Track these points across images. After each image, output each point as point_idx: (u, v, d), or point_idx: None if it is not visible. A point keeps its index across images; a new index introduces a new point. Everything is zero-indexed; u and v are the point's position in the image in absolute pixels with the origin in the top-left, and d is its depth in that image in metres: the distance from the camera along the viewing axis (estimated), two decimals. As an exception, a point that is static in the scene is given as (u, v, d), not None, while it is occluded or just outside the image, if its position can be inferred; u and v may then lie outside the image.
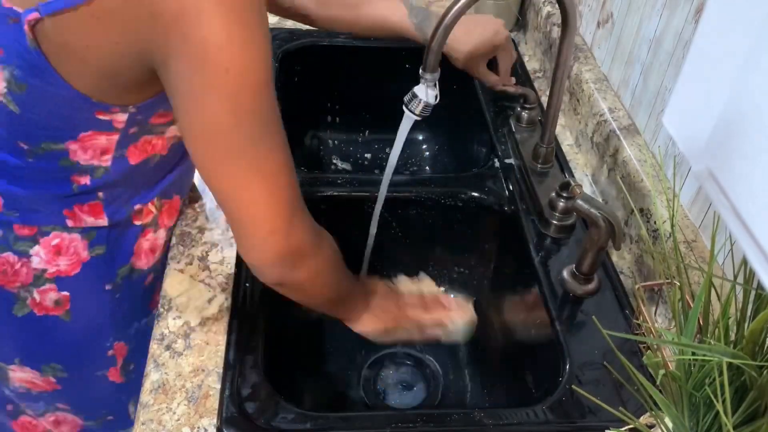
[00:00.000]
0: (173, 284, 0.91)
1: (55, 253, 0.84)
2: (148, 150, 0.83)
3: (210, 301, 0.89)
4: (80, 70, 0.71)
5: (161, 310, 0.88)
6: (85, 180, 0.81)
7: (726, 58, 0.45)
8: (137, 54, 0.67)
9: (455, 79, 1.37)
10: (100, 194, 0.83)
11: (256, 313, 0.87)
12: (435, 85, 0.94)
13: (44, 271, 0.84)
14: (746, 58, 0.43)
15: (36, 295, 0.86)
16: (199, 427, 0.76)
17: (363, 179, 1.13)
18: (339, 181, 1.13)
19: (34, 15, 0.67)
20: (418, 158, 1.47)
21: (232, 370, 0.81)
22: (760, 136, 0.41)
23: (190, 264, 0.94)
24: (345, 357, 1.11)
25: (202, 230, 0.98)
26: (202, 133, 0.68)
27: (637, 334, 0.85)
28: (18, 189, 0.80)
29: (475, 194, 1.12)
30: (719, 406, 0.51)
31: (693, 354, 0.54)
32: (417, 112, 0.96)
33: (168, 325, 0.86)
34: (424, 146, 1.48)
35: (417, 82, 0.96)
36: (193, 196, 1.03)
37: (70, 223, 0.83)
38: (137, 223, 0.89)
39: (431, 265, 1.20)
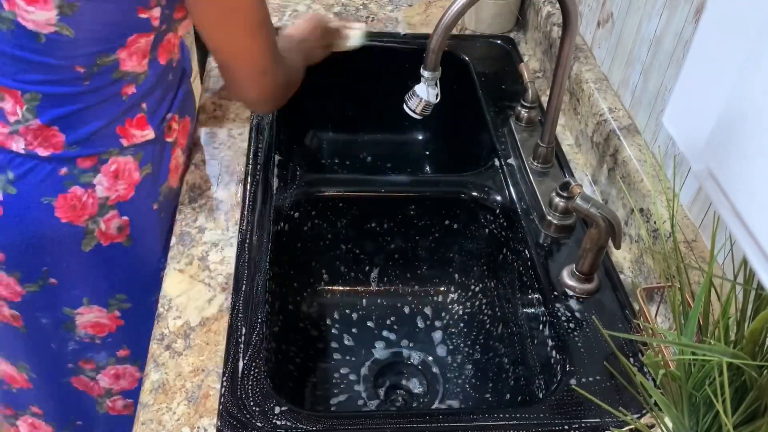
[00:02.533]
0: (173, 284, 0.91)
1: (114, 178, 0.90)
2: (170, 49, 0.91)
3: (210, 301, 0.89)
4: None
5: (161, 310, 0.88)
6: (132, 89, 0.88)
7: (726, 58, 0.45)
8: None
9: (455, 79, 1.37)
10: (144, 105, 0.90)
11: (256, 313, 0.87)
12: (436, 84, 0.94)
13: (107, 198, 0.91)
14: (746, 57, 0.43)
15: (102, 225, 0.92)
16: (199, 427, 0.76)
17: (363, 179, 1.13)
18: (339, 181, 1.13)
19: None
20: (418, 158, 1.47)
21: (232, 370, 0.81)
22: (760, 136, 0.41)
23: (190, 264, 0.94)
24: (345, 357, 1.11)
25: (202, 230, 0.98)
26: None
27: (637, 334, 0.85)
28: (77, 121, 0.86)
29: (475, 194, 1.12)
30: (719, 406, 0.51)
31: (693, 354, 0.54)
32: (417, 110, 0.96)
33: (168, 325, 0.86)
34: (424, 146, 1.48)
35: (417, 82, 0.96)
36: (192, 197, 1.03)
37: (124, 142, 0.89)
38: (168, 140, 0.96)
39: (431, 265, 1.20)
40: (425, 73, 0.93)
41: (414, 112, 0.97)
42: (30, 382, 1.08)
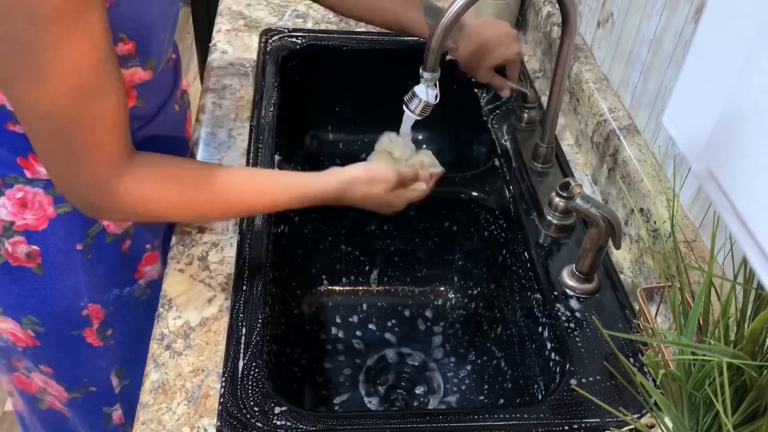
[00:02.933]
0: (173, 284, 0.91)
1: (21, 206, 0.87)
2: None
3: (210, 301, 0.89)
4: None
5: (161, 310, 0.88)
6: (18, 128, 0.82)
7: (726, 58, 0.45)
8: None
9: (455, 79, 1.37)
10: None
11: (256, 312, 0.87)
12: (435, 84, 0.94)
13: (12, 223, 0.88)
14: (746, 57, 0.43)
15: (8, 246, 0.89)
16: (199, 427, 0.76)
17: (363, 179, 1.12)
18: (339, 181, 1.12)
19: None
20: (418, 158, 1.47)
21: (232, 370, 0.81)
22: (760, 136, 0.41)
23: (190, 264, 0.94)
24: (345, 357, 1.11)
25: (202, 230, 0.98)
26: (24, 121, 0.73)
27: (637, 334, 0.85)
28: None
29: (475, 194, 1.12)
30: (719, 406, 0.51)
31: (693, 354, 0.54)
32: (417, 111, 0.96)
33: (168, 325, 0.86)
34: (424, 146, 1.48)
35: (417, 82, 0.96)
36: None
37: (28, 174, 0.86)
38: None
39: (431, 265, 1.20)
40: (425, 74, 0.93)
41: (413, 113, 0.97)
42: None
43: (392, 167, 0.93)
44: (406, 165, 0.99)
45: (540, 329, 0.94)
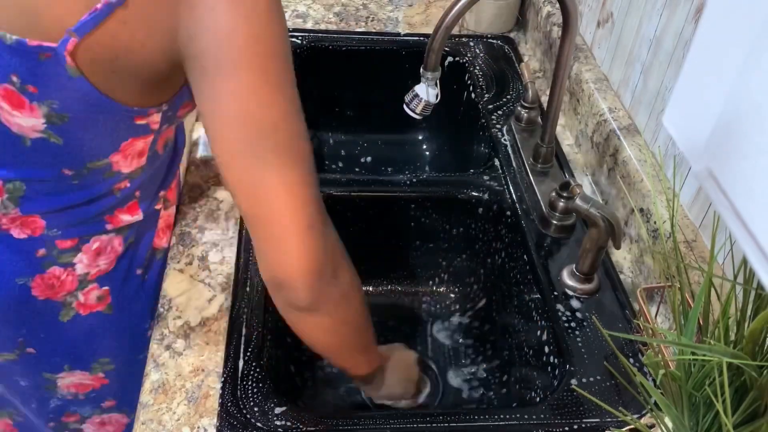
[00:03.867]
0: (173, 284, 0.91)
1: (96, 255, 0.85)
2: (168, 136, 0.84)
3: (210, 301, 0.89)
4: (115, 82, 0.69)
5: (161, 310, 0.88)
6: (126, 184, 0.81)
7: (726, 58, 0.45)
8: (163, 46, 0.66)
9: (456, 79, 1.37)
10: (137, 193, 0.84)
11: (256, 313, 0.87)
12: (436, 84, 0.94)
13: (87, 274, 0.85)
14: (746, 58, 0.43)
15: (81, 297, 0.86)
16: (199, 427, 0.76)
17: (363, 179, 1.13)
18: (339, 181, 1.13)
19: (73, 42, 0.65)
20: (418, 158, 1.47)
21: (231, 370, 0.81)
22: (760, 136, 0.41)
23: (190, 264, 0.94)
24: (345, 357, 1.11)
25: (202, 230, 0.98)
26: (228, 116, 0.64)
27: (637, 334, 0.85)
28: (62, 214, 0.80)
29: (475, 194, 1.12)
30: (719, 406, 0.51)
31: (693, 354, 0.54)
32: (418, 110, 0.96)
33: (168, 325, 0.86)
34: (424, 146, 1.48)
35: (418, 82, 0.96)
36: (192, 197, 1.03)
37: (109, 227, 0.84)
38: (158, 207, 0.90)
39: (431, 265, 1.20)
40: (425, 73, 0.93)
41: (414, 112, 0.97)
42: (15, 427, 1.05)
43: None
44: None
45: (540, 329, 0.94)
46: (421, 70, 0.94)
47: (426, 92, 0.95)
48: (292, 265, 0.65)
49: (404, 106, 0.98)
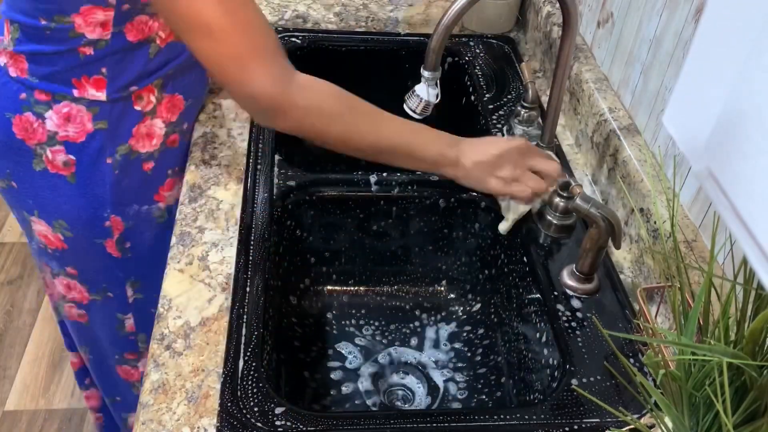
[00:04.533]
0: (173, 284, 0.91)
1: (65, 119, 0.99)
2: (145, 31, 0.97)
3: (210, 301, 0.89)
4: None
5: (161, 310, 0.88)
6: (89, 51, 0.95)
7: (726, 58, 0.45)
8: None
9: (455, 79, 1.37)
10: (104, 70, 0.97)
11: (256, 313, 0.87)
12: (436, 84, 0.94)
13: (56, 133, 1.00)
14: (746, 58, 0.43)
15: (49, 154, 1.01)
16: (199, 427, 0.76)
17: (363, 179, 1.13)
18: (339, 181, 1.13)
19: None
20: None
21: (232, 370, 0.81)
22: (760, 136, 0.41)
23: (190, 264, 0.94)
24: (345, 357, 1.11)
25: (202, 230, 0.98)
26: None
27: (637, 334, 0.85)
28: (41, 59, 0.96)
29: (475, 194, 1.12)
30: (719, 406, 0.51)
31: (693, 354, 0.54)
32: (417, 110, 0.96)
33: (168, 325, 0.86)
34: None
35: (418, 82, 0.96)
36: (192, 197, 1.03)
37: (76, 92, 0.97)
38: (137, 108, 1.02)
39: (431, 265, 1.20)
40: (425, 73, 0.93)
41: (414, 112, 0.97)
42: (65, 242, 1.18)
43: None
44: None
45: (540, 329, 0.94)
46: (421, 70, 0.94)
47: (426, 92, 0.95)
48: (259, 113, 0.92)
49: (404, 106, 0.98)
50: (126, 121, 1.02)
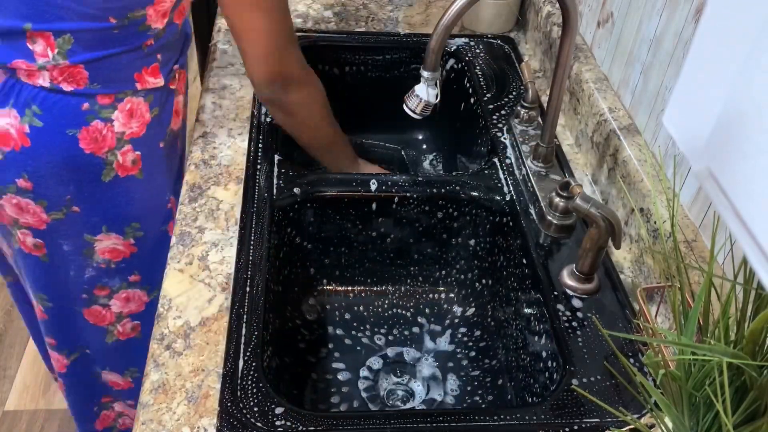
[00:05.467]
0: (173, 284, 0.91)
1: (129, 116, 1.00)
2: (182, 12, 1.03)
3: (210, 301, 0.89)
4: None
5: (161, 309, 0.88)
6: (151, 42, 0.98)
7: (726, 58, 0.45)
8: None
9: (455, 79, 1.37)
10: (159, 56, 1.01)
11: (256, 313, 0.87)
12: (435, 84, 0.94)
13: (123, 133, 1.00)
14: (746, 57, 0.43)
15: (119, 157, 1.01)
16: (199, 427, 0.76)
17: (363, 179, 1.13)
18: (339, 181, 1.13)
19: None
20: (418, 158, 1.47)
21: (231, 370, 0.81)
22: (760, 136, 0.41)
23: (190, 264, 0.94)
24: (345, 357, 1.11)
25: (202, 230, 0.98)
26: None
27: (637, 334, 0.85)
28: (103, 64, 0.95)
29: (475, 194, 1.12)
30: (719, 406, 0.51)
31: (693, 354, 0.54)
32: (417, 111, 0.96)
33: (168, 325, 0.86)
34: (424, 146, 1.48)
35: (417, 82, 0.96)
36: (192, 197, 1.03)
37: (138, 86, 0.99)
38: (172, 87, 1.07)
39: (431, 265, 1.20)
40: (425, 73, 0.93)
41: (414, 112, 0.97)
42: (45, 313, 1.17)
43: None
44: None
45: (540, 329, 0.94)
46: (421, 70, 0.94)
47: (426, 92, 0.95)
48: (255, 73, 1.02)
49: (404, 106, 0.98)
50: (168, 103, 1.06)
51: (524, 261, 1.01)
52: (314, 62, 1.39)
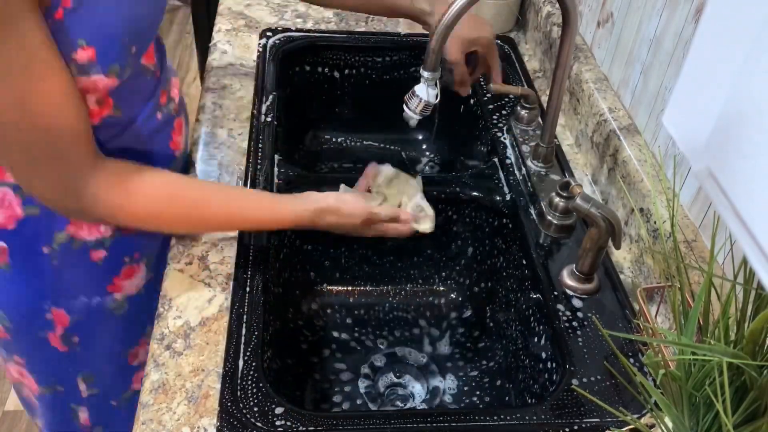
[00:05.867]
0: (173, 284, 0.91)
1: None
2: None
3: (210, 301, 0.89)
4: None
5: (161, 309, 0.88)
6: None
7: (726, 58, 0.45)
8: None
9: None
10: None
11: (256, 313, 0.87)
12: (435, 84, 0.94)
13: None
14: (746, 58, 0.43)
15: None
16: (199, 427, 0.76)
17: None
18: (339, 182, 1.12)
19: None
20: (418, 158, 1.47)
21: (231, 370, 0.81)
22: (760, 136, 0.41)
23: (190, 264, 0.94)
24: (345, 357, 1.11)
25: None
26: None
27: (637, 334, 0.85)
28: None
29: (475, 194, 1.12)
30: (719, 406, 0.51)
31: (693, 354, 0.54)
32: (417, 111, 0.96)
33: (168, 325, 0.86)
34: (424, 146, 1.48)
35: (417, 82, 0.96)
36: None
37: (8, 176, 0.85)
38: None
39: (431, 265, 1.20)
40: (425, 74, 0.93)
41: (414, 112, 0.97)
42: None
43: (364, 204, 0.97)
44: (387, 196, 1.04)
45: (540, 329, 0.94)
46: (421, 70, 0.94)
47: (426, 92, 0.95)
48: (57, 211, 0.85)
49: (404, 107, 0.98)
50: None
51: (524, 261, 1.01)
52: (314, 62, 1.39)
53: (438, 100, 0.96)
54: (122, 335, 1.03)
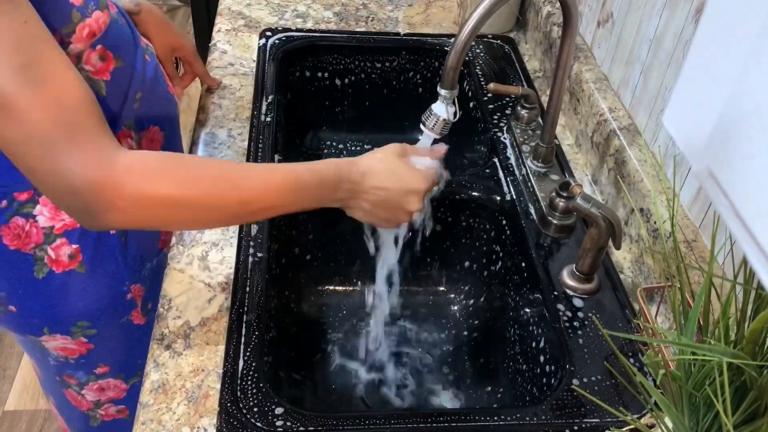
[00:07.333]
0: (173, 284, 0.91)
1: (56, 208, 0.87)
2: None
3: (210, 301, 0.89)
4: None
5: (161, 309, 0.88)
6: None
7: (726, 58, 0.45)
8: None
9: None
10: None
11: (256, 313, 0.87)
12: (453, 102, 0.90)
13: (52, 227, 0.88)
14: (746, 57, 0.43)
15: (51, 252, 0.89)
16: (199, 427, 0.76)
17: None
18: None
19: None
20: (418, 158, 1.47)
21: (231, 370, 0.81)
22: (760, 136, 0.41)
23: (190, 264, 0.94)
24: (345, 357, 1.11)
25: (202, 230, 0.98)
26: None
27: (637, 334, 0.85)
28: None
29: (475, 194, 1.12)
30: (719, 406, 0.51)
31: (693, 354, 0.54)
32: (436, 130, 0.91)
33: (168, 325, 0.86)
34: (424, 146, 1.48)
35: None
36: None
37: None
38: None
39: (431, 265, 1.20)
40: (442, 92, 0.89)
41: (432, 131, 0.91)
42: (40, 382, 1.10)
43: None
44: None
45: (540, 329, 0.94)
46: (438, 88, 0.89)
47: (444, 110, 0.90)
48: (81, 215, 0.72)
49: (421, 126, 0.92)
50: None
51: (524, 261, 1.01)
52: (314, 63, 1.39)
53: (457, 117, 0.92)
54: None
